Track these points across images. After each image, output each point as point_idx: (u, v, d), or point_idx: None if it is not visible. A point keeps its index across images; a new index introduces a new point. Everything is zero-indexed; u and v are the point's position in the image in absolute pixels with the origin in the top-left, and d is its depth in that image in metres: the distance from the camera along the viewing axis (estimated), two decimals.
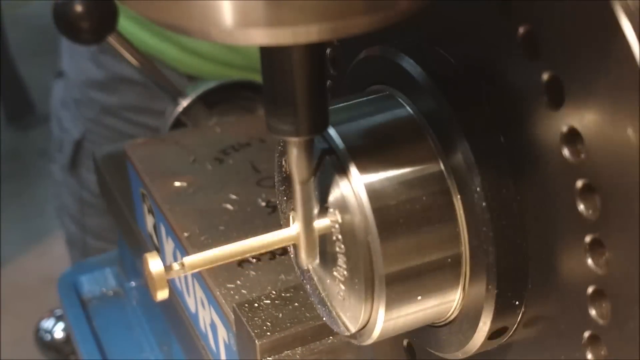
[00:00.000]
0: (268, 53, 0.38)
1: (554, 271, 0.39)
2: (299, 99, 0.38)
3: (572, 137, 0.37)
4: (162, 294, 0.42)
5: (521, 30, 0.38)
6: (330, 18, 0.32)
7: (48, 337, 1.17)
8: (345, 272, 0.42)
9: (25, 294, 2.50)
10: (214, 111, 1.01)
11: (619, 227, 0.35)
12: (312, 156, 0.41)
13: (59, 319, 1.14)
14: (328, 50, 0.54)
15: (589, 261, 0.37)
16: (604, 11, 0.33)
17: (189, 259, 0.42)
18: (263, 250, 0.44)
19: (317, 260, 0.45)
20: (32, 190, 2.80)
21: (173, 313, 0.81)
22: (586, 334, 0.38)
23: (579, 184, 0.37)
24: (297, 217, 0.43)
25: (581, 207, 0.37)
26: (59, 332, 1.15)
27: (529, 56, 0.38)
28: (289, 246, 0.46)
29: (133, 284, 1.01)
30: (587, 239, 0.37)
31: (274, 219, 0.75)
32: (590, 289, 0.37)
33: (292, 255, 0.47)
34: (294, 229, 0.43)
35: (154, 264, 0.42)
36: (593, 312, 0.37)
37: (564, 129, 0.37)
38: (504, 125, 0.40)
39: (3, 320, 2.33)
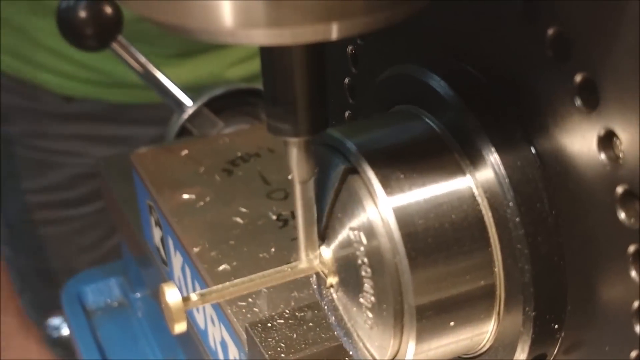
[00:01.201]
0: (268, 53, 0.38)
1: (595, 288, 0.37)
2: (298, 99, 0.38)
3: (608, 140, 0.35)
4: (180, 327, 0.40)
5: (550, 32, 0.36)
6: (331, 18, 0.32)
7: (56, 334, 1.16)
8: (372, 299, 0.41)
9: None
10: (220, 118, 0.99)
11: None
12: (313, 156, 0.40)
13: None
14: (346, 80, 0.52)
15: (633, 274, 0.35)
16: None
17: (208, 291, 0.40)
18: (286, 280, 0.42)
19: (341, 289, 0.43)
20: None
21: None
22: (633, 354, 0.36)
23: (619, 190, 0.35)
24: (298, 218, 0.42)
25: (622, 215, 0.35)
26: (66, 329, 1.14)
27: (560, 58, 0.36)
28: (312, 276, 0.44)
29: (138, 295, 0.99)
30: (631, 249, 0.35)
31: (286, 233, 0.74)
32: (636, 304, 0.35)
33: (314, 286, 0.45)
34: (320, 257, 0.42)
35: (172, 294, 0.40)
36: (638, 328, 0.36)
37: (600, 132, 0.35)
38: (534, 136, 0.39)
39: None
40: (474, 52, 0.42)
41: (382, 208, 0.40)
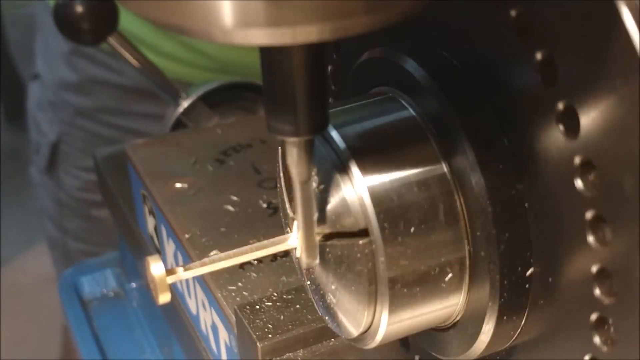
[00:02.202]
0: (268, 53, 0.38)
1: (557, 257, 0.39)
2: (298, 99, 0.38)
3: (568, 114, 0.36)
4: (164, 298, 0.42)
5: (513, 13, 0.38)
6: (331, 18, 0.32)
7: None
8: (347, 275, 0.42)
9: (25, 294, 2.49)
10: (215, 112, 1.00)
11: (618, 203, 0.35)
12: (312, 156, 0.41)
13: None
14: (329, 67, 0.54)
15: (591, 239, 0.37)
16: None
17: (191, 265, 0.42)
18: (265, 255, 0.44)
19: (318, 263, 0.45)
20: (32, 190, 2.80)
21: (174, 314, 0.81)
22: (593, 317, 0.38)
23: (577, 160, 0.37)
24: (297, 217, 0.43)
25: (579, 183, 0.37)
26: None
27: (522, 37, 0.37)
28: (292, 250, 0.46)
29: (134, 285, 1.00)
30: (588, 215, 0.37)
31: (275, 221, 0.75)
32: (594, 269, 0.37)
33: (294, 259, 0.47)
34: (296, 234, 0.43)
35: (156, 267, 0.42)
36: (598, 291, 0.37)
37: (560, 107, 0.37)
38: (503, 115, 0.40)
39: (3, 320, 2.32)
40: (455, 41, 0.43)
41: (357, 186, 0.41)
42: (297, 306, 0.62)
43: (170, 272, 0.42)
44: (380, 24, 0.33)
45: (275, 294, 0.63)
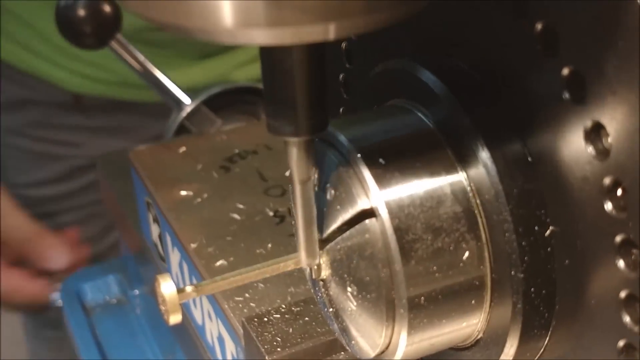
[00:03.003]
0: (268, 53, 0.38)
1: (583, 280, 0.38)
2: (299, 98, 0.38)
3: (596, 133, 0.35)
4: (175, 318, 0.40)
5: (538, 26, 0.37)
6: (331, 18, 0.31)
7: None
8: (363, 294, 0.41)
9: None
10: (218, 116, 0.99)
11: None
12: (313, 156, 0.40)
13: None
14: (341, 76, 0.53)
15: (620, 263, 0.36)
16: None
17: (202, 283, 0.41)
18: (278, 272, 0.43)
19: (333, 280, 0.43)
20: None
21: (178, 323, 0.80)
22: (621, 343, 0.37)
23: (606, 181, 0.35)
24: (297, 217, 0.42)
25: (609, 206, 0.35)
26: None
27: (548, 52, 0.36)
28: (306, 269, 0.45)
29: (137, 292, 1.00)
30: (618, 239, 0.36)
31: (283, 230, 0.74)
32: (623, 294, 0.36)
33: (308, 279, 0.46)
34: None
35: (167, 286, 0.40)
36: (627, 318, 0.36)
37: (588, 124, 0.35)
38: (525, 130, 0.39)
39: (3, 320, 2.31)
40: (465, 47, 0.42)
41: (373, 200, 0.40)
42: (306, 318, 0.61)
43: (181, 291, 0.41)
44: (381, 23, 0.33)
45: (284, 306, 0.62)
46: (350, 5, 0.31)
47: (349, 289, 0.42)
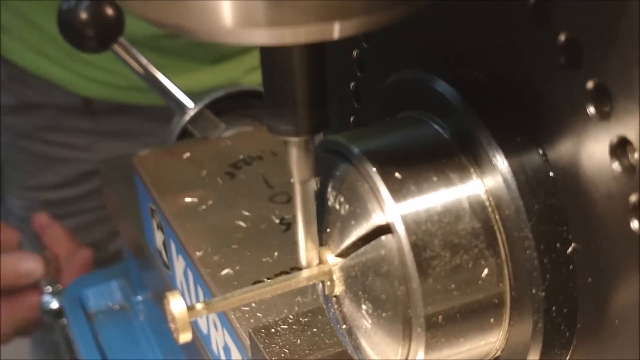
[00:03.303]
0: (268, 53, 0.38)
1: (607, 297, 0.37)
2: (298, 98, 0.38)
3: (622, 148, 0.34)
4: (185, 337, 0.39)
5: (561, 37, 0.36)
6: (331, 18, 0.31)
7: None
8: (379, 312, 0.40)
9: None
10: (221, 120, 0.99)
11: None
12: (313, 156, 0.40)
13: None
14: (352, 84, 0.52)
15: None
16: None
17: (212, 300, 0.40)
18: (290, 289, 0.42)
19: (347, 296, 0.42)
20: None
21: None
22: None
23: (633, 199, 0.34)
24: (298, 218, 0.42)
25: (636, 224, 0.34)
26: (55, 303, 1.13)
27: (571, 64, 0.35)
28: (318, 283, 0.43)
29: (140, 298, 0.99)
30: None
31: (289, 237, 0.73)
32: None
33: (320, 294, 0.45)
34: (326, 265, 0.41)
35: (176, 304, 0.39)
36: None
37: (614, 140, 0.34)
38: (545, 143, 0.38)
39: None
40: (482, 57, 0.41)
41: (389, 215, 0.39)
42: (314, 329, 0.60)
43: (191, 308, 0.40)
44: (381, 23, 0.33)
45: (291, 317, 0.61)
46: (350, 5, 0.31)
47: (363, 307, 0.41)
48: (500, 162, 0.38)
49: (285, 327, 0.60)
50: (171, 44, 1.06)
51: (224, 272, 0.69)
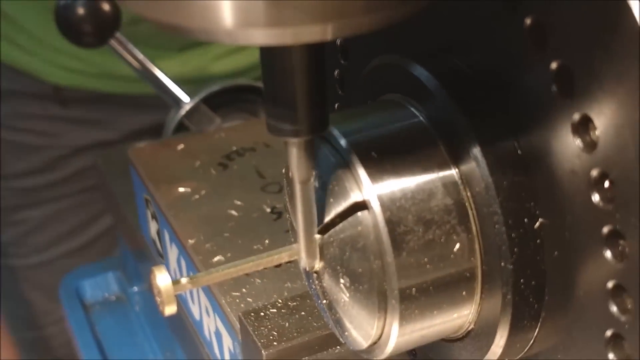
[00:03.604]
0: (268, 53, 0.38)
1: (572, 271, 0.38)
2: (299, 99, 0.38)
3: (584, 126, 0.36)
4: (170, 309, 0.41)
5: (527, 21, 0.37)
6: (331, 18, 0.32)
7: None
8: (356, 286, 0.42)
9: None
10: (217, 114, 1.00)
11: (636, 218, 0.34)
12: (313, 156, 0.41)
13: None
14: (336, 72, 0.53)
15: (607, 254, 0.36)
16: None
17: (197, 275, 0.41)
18: (272, 264, 0.43)
19: (326, 272, 0.44)
20: None
21: (176, 319, 0.81)
22: (608, 333, 0.37)
23: (594, 173, 0.36)
24: (298, 218, 0.42)
25: (597, 197, 0.36)
26: None
27: (537, 47, 0.37)
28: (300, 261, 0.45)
29: (136, 289, 1.00)
30: (605, 230, 0.36)
31: (280, 226, 0.75)
32: (610, 284, 0.36)
33: (301, 267, 0.46)
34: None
35: (162, 278, 0.41)
36: (614, 308, 0.37)
37: (576, 117, 0.36)
38: (515, 124, 0.40)
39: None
40: (459, 43, 0.43)
41: (366, 192, 0.41)
42: (302, 313, 0.62)
43: (176, 282, 0.41)
44: (381, 24, 0.33)
45: (280, 301, 0.63)
46: (350, 6, 0.32)
47: (341, 281, 0.43)
48: (472, 142, 0.40)
49: (274, 310, 0.62)
50: (137, 32, 1.07)
51: (216, 259, 0.71)
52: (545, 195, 0.39)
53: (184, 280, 0.41)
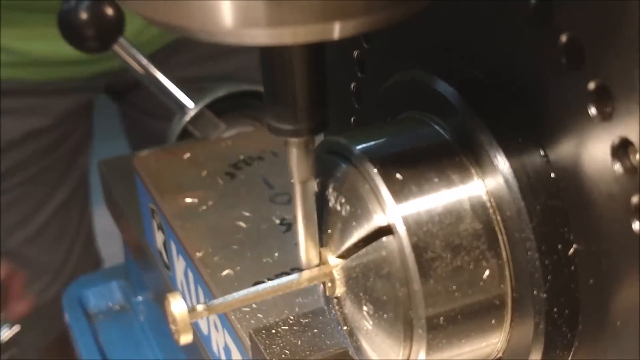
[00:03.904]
0: (268, 53, 0.38)
1: (608, 299, 0.37)
2: (299, 99, 0.38)
3: (624, 149, 0.34)
4: (185, 338, 0.39)
5: (563, 38, 0.35)
6: (331, 18, 0.31)
7: None
8: (380, 313, 0.40)
9: None
10: (221, 120, 0.98)
11: None
12: (313, 156, 0.40)
13: None
14: (352, 85, 0.51)
15: None
16: None
17: (213, 302, 0.40)
18: (291, 290, 0.42)
19: (349, 299, 0.42)
20: None
21: None
22: None
23: (634, 200, 0.34)
24: (297, 218, 0.42)
25: (637, 226, 0.34)
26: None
27: (573, 65, 0.35)
28: (319, 285, 0.43)
29: (140, 298, 0.99)
30: None
31: (290, 238, 0.73)
32: None
33: (321, 295, 0.44)
34: (327, 266, 0.41)
35: (177, 305, 0.39)
36: None
37: (615, 141, 0.34)
38: (547, 144, 0.38)
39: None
40: (484, 57, 0.41)
41: (390, 216, 0.39)
42: (315, 330, 0.60)
43: (192, 310, 0.39)
44: (381, 23, 0.33)
45: (292, 317, 0.61)
46: (349, 5, 0.31)
47: (364, 308, 0.41)
48: (502, 162, 0.38)
49: (286, 327, 0.60)
50: (42, 5, 1.05)
51: (225, 272, 0.69)
52: (580, 220, 0.37)
53: (200, 307, 0.40)
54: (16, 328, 1.16)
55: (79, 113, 1.31)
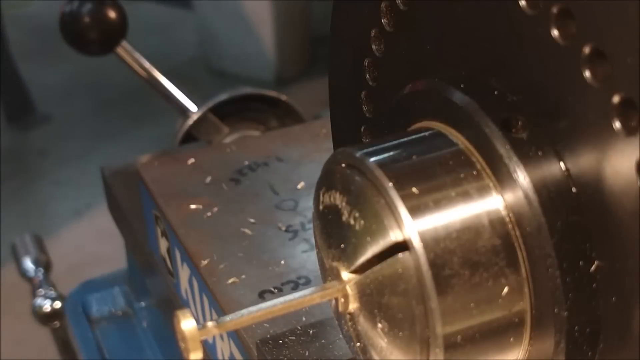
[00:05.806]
0: None
1: (630, 317, 0.36)
2: None
3: None
4: (195, 356, 0.38)
5: (586, 50, 0.34)
6: None
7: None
8: (395, 331, 0.39)
9: (25, 294, 2.46)
10: (225, 124, 0.98)
11: None
12: None
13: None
14: (362, 93, 0.50)
15: None
16: None
17: (224, 319, 0.39)
18: (303, 307, 0.41)
19: (362, 315, 0.41)
20: (32, 190, 2.78)
21: None
22: None
23: None
24: None
25: None
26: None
27: (597, 78, 0.34)
28: (331, 300, 0.42)
29: (143, 304, 0.97)
30: None
31: (295, 245, 0.72)
32: None
33: (333, 311, 0.43)
34: (340, 282, 0.40)
35: (187, 323, 0.38)
36: None
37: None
38: (568, 158, 0.37)
39: (3, 320, 2.30)
40: (504, 69, 0.40)
41: (406, 232, 0.38)
42: (323, 341, 0.59)
43: (202, 327, 0.38)
44: None
45: (299, 327, 0.60)
46: None
47: (379, 325, 0.40)
48: (521, 176, 0.37)
49: (293, 338, 0.59)
50: None
51: (230, 280, 0.68)
52: (602, 236, 0.36)
53: (210, 324, 0.39)
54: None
55: None
